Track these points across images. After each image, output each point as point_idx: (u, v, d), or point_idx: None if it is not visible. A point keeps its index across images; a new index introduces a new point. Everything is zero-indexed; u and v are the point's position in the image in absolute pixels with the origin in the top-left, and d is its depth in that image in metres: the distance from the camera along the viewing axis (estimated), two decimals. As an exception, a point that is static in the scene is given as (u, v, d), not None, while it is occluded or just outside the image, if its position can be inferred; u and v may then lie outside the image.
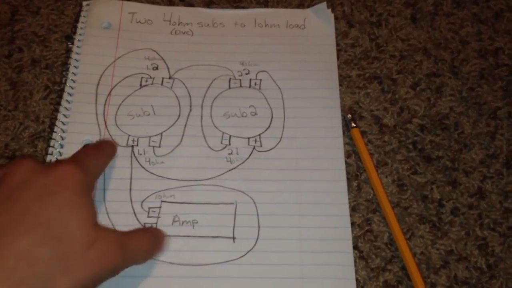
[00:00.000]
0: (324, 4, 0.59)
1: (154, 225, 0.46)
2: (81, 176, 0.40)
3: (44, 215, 0.37)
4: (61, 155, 0.49)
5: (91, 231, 0.38)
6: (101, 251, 0.38)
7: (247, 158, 0.50)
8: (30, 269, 0.35)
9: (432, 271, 0.46)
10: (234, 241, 0.46)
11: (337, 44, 0.57)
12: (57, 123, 0.51)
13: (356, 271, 0.46)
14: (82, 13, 0.57)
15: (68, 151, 0.49)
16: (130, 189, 0.48)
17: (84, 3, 0.58)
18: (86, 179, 0.41)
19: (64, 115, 0.51)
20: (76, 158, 0.44)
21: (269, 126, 0.52)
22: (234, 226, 0.47)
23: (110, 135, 0.51)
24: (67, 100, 0.52)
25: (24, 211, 0.37)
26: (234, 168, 0.50)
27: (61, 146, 0.50)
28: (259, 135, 0.51)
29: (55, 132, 0.50)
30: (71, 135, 0.50)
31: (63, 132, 0.50)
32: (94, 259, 0.37)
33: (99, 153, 0.47)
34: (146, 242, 0.43)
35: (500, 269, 0.46)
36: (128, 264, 0.41)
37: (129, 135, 0.51)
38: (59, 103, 0.52)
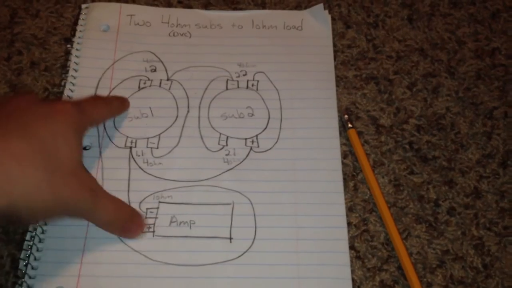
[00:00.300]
0: (321, 6, 0.59)
1: (151, 226, 0.47)
2: (76, 116, 0.43)
3: (40, 133, 0.40)
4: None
5: (76, 165, 0.42)
6: (78, 186, 0.41)
7: (244, 159, 0.50)
8: (20, 169, 0.37)
9: (428, 270, 0.46)
10: (231, 242, 0.46)
11: (334, 45, 0.57)
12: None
13: (353, 271, 0.46)
14: (81, 16, 0.58)
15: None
16: (128, 190, 0.48)
17: (83, 6, 0.58)
18: (80, 121, 0.44)
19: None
20: (77, 101, 0.46)
21: (266, 127, 0.52)
22: (231, 227, 0.47)
23: (109, 137, 0.51)
24: (66, 102, 0.52)
25: (23, 126, 0.40)
26: (231, 168, 0.50)
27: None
28: (256, 136, 0.52)
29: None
30: (71, 136, 0.51)
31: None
32: (73, 188, 0.40)
33: (102, 104, 0.50)
34: (112, 211, 0.45)
35: (496, 269, 0.46)
36: (91, 217, 0.43)
37: (127, 137, 0.51)
38: (58, 105, 0.52)
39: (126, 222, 0.46)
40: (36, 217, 0.41)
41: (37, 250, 0.45)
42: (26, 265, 0.44)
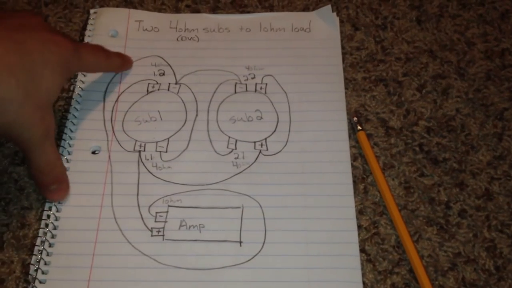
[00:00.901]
0: (329, 7, 0.59)
1: (161, 230, 0.47)
2: (71, 55, 0.45)
3: (34, 55, 0.42)
4: (68, 162, 0.50)
5: (48, 102, 0.45)
6: (40, 121, 0.43)
7: (253, 162, 0.50)
8: (6, 76, 0.40)
9: (440, 273, 0.46)
10: (240, 245, 0.46)
11: (343, 47, 0.57)
12: (66, 130, 0.51)
13: (364, 274, 0.46)
14: (90, 21, 0.58)
15: (76, 158, 0.50)
16: (138, 194, 0.48)
17: (92, 11, 0.59)
18: (72, 61, 0.46)
19: (73, 123, 0.52)
20: (77, 42, 0.48)
21: (275, 130, 0.52)
22: (240, 230, 0.47)
23: (118, 141, 0.51)
24: (75, 108, 0.52)
25: (21, 42, 0.42)
26: (241, 172, 0.50)
27: (69, 153, 0.50)
28: (265, 139, 0.52)
29: (64, 140, 0.51)
30: (79, 142, 0.51)
31: (71, 139, 0.51)
32: (35, 120, 0.43)
33: (101, 55, 0.51)
34: (51, 159, 0.46)
35: (509, 271, 0.46)
36: (32, 154, 0.45)
37: (136, 141, 0.51)
38: (67, 111, 0.53)
39: (55, 179, 0.47)
40: None
41: (47, 254, 0.45)
42: (36, 270, 0.44)
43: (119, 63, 0.54)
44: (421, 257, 0.46)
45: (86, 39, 0.57)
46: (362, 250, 0.47)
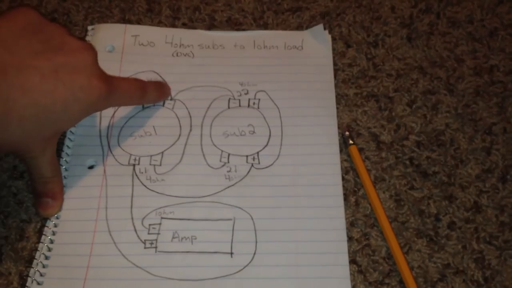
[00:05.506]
0: (320, 26, 0.60)
1: (154, 242, 0.47)
2: (99, 100, 0.44)
3: (54, 107, 0.41)
4: (66, 178, 0.51)
5: (54, 136, 0.46)
6: (41, 144, 0.45)
7: (245, 175, 0.51)
8: (15, 127, 0.40)
9: (429, 284, 0.46)
10: (232, 256, 0.47)
11: (335, 64, 0.58)
12: (63, 147, 0.52)
13: (355, 285, 0.46)
14: (87, 37, 0.59)
15: (73, 173, 0.51)
16: (131, 207, 0.49)
17: (89, 27, 0.60)
18: (102, 105, 0.46)
19: (70, 139, 0.53)
20: (113, 82, 0.46)
21: (267, 144, 0.53)
22: (232, 242, 0.47)
23: (113, 155, 0.52)
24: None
25: (48, 91, 0.41)
26: (233, 185, 0.50)
27: (66, 169, 0.51)
28: (257, 152, 0.52)
29: (61, 157, 0.52)
30: (76, 157, 0.52)
31: (68, 156, 0.52)
32: (37, 144, 0.44)
33: (138, 95, 0.51)
34: (50, 169, 0.47)
35: (497, 282, 0.46)
36: (31, 163, 0.46)
37: (130, 155, 0.52)
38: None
39: (50, 192, 0.48)
40: None
41: (43, 266, 0.46)
42: (32, 282, 0.45)
43: (155, 98, 0.54)
44: (411, 268, 0.47)
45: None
46: (353, 262, 0.47)
